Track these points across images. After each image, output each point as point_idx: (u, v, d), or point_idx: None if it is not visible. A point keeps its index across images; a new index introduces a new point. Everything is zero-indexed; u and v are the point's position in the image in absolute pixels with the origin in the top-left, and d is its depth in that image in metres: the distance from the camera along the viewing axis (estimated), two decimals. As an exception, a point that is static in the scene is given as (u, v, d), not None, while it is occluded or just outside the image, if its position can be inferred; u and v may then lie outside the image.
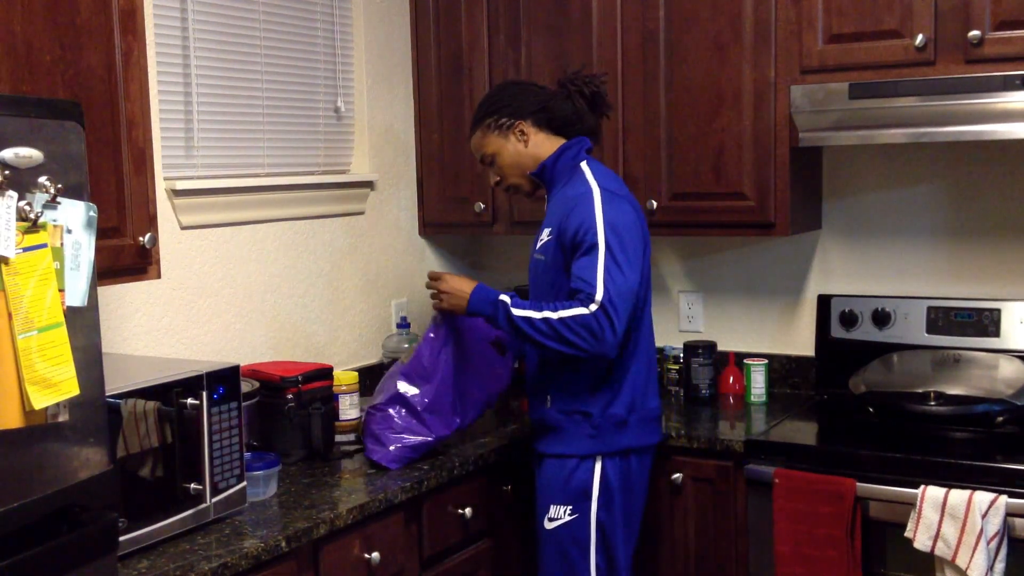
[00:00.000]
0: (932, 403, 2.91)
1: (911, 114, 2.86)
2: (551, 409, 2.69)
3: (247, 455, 2.50)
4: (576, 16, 3.32)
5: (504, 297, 2.59)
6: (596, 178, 2.65)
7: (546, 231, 2.69)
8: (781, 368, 3.48)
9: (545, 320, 2.52)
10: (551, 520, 2.66)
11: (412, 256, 3.68)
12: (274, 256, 3.16)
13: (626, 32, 3.26)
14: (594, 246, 2.53)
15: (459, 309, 2.68)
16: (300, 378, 2.77)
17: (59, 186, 1.66)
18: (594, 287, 2.50)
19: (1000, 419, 2.84)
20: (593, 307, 2.49)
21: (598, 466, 2.64)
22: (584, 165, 2.70)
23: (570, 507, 2.64)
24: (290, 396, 2.75)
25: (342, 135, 3.45)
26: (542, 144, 2.74)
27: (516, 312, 2.56)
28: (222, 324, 2.99)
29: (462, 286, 2.67)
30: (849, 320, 3.29)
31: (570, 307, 2.51)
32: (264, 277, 3.13)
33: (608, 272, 2.50)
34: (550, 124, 2.74)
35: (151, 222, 2.32)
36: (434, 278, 2.73)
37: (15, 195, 1.59)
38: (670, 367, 3.46)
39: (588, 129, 2.77)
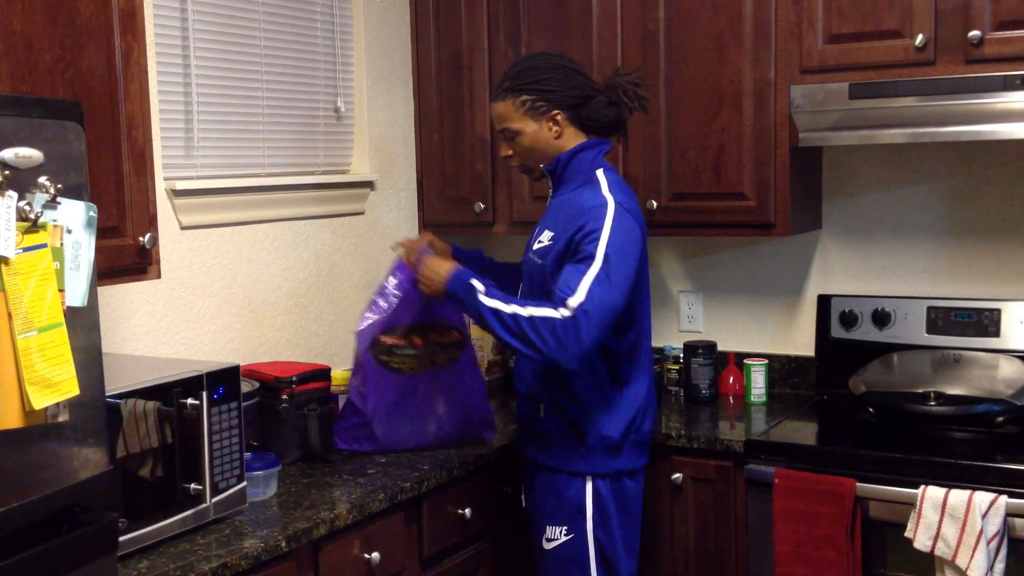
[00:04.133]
0: (932, 403, 2.91)
1: (911, 114, 2.86)
2: (544, 418, 2.65)
3: (247, 455, 2.50)
4: (576, 16, 3.32)
5: (477, 283, 2.51)
6: (612, 191, 2.55)
7: (547, 234, 2.60)
8: (781, 368, 3.48)
9: (513, 316, 2.42)
10: (548, 540, 2.64)
11: (412, 256, 3.68)
12: (274, 256, 3.16)
13: (626, 32, 3.26)
14: (590, 257, 2.44)
15: (438, 292, 2.61)
16: (295, 379, 2.76)
17: (59, 186, 1.66)
18: (573, 292, 2.39)
19: (1000, 419, 2.84)
20: (564, 312, 2.38)
21: (589, 485, 2.60)
22: (601, 175, 2.60)
23: (565, 527, 2.61)
24: (285, 397, 2.74)
25: (342, 135, 3.45)
26: (570, 139, 2.63)
27: (486, 301, 2.47)
28: (222, 324, 2.99)
29: (440, 268, 2.61)
30: (849, 320, 3.29)
31: (541, 307, 2.42)
32: (264, 277, 3.13)
33: (596, 285, 2.40)
34: (581, 120, 2.64)
35: (151, 222, 2.32)
36: (407, 248, 2.73)
37: (15, 195, 1.59)
38: (670, 367, 3.46)
39: (615, 130, 2.69)
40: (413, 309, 2.78)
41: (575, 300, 2.39)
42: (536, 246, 2.64)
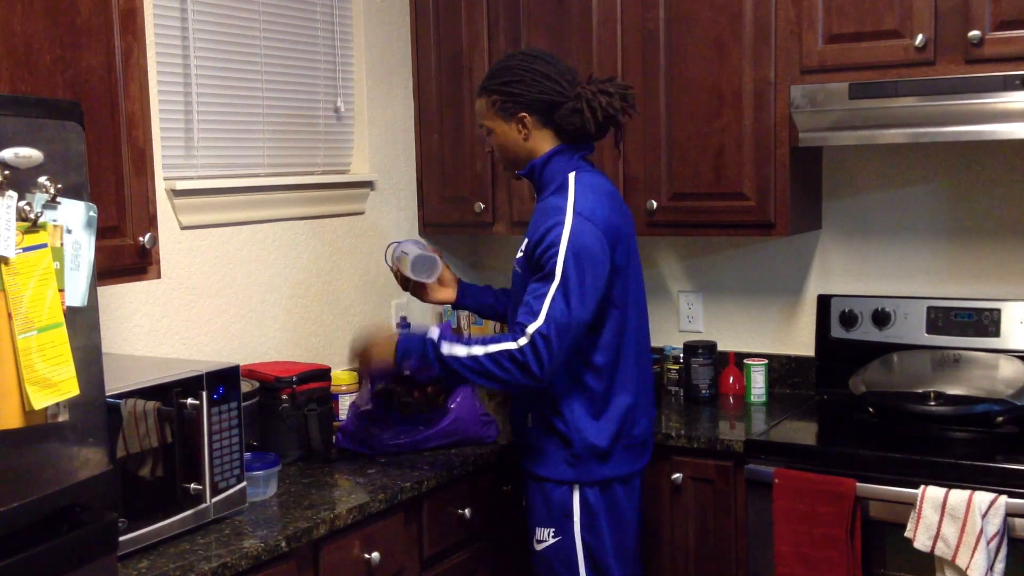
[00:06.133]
0: (932, 403, 2.91)
1: (911, 114, 2.86)
2: (532, 428, 2.64)
3: (247, 455, 2.50)
4: (576, 16, 3.32)
5: (432, 335, 2.49)
6: (576, 198, 2.51)
7: (526, 243, 2.59)
8: (781, 368, 3.48)
9: (472, 357, 2.45)
10: (538, 543, 2.64)
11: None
12: (274, 256, 3.16)
13: (626, 32, 3.26)
14: (550, 275, 2.44)
15: (387, 362, 2.56)
16: (295, 379, 2.77)
17: (59, 186, 1.66)
18: (535, 317, 2.42)
19: (1000, 419, 2.84)
20: (523, 340, 2.41)
21: (576, 492, 2.59)
22: (571, 179, 2.56)
23: (553, 529, 2.61)
24: (285, 396, 2.74)
25: (342, 135, 3.45)
26: (541, 142, 2.61)
27: (445, 350, 2.47)
28: (222, 324, 2.99)
29: (384, 345, 2.57)
30: (849, 320, 3.29)
31: (499, 342, 2.44)
32: (264, 277, 3.13)
33: (554, 304, 2.42)
34: (553, 124, 2.59)
35: (151, 222, 2.33)
36: (356, 351, 2.65)
37: (15, 195, 1.59)
38: (670, 367, 3.45)
39: (584, 138, 2.62)
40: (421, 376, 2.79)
41: (533, 326, 2.42)
42: (518, 255, 2.63)
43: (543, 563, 2.64)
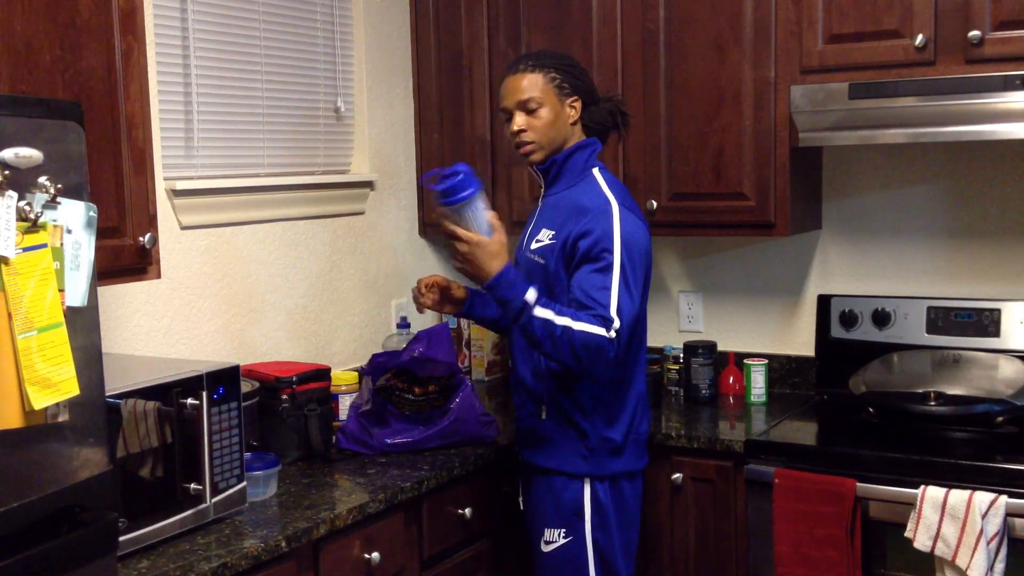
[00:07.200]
0: (932, 403, 2.91)
1: (911, 114, 2.86)
2: (546, 421, 2.64)
3: (247, 455, 2.50)
4: (576, 16, 3.32)
5: (530, 296, 2.40)
6: (613, 192, 2.59)
7: (546, 232, 2.61)
8: (781, 368, 3.48)
9: (565, 328, 2.38)
10: (547, 543, 2.64)
11: (412, 256, 3.68)
12: (274, 256, 3.16)
13: (626, 32, 3.26)
14: (609, 266, 2.45)
15: (483, 272, 2.44)
16: (295, 379, 2.77)
17: (59, 186, 1.66)
18: (608, 309, 2.42)
19: (1000, 419, 2.84)
20: (612, 333, 2.40)
21: (587, 488, 2.60)
22: (597, 173, 2.64)
23: (564, 530, 2.61)
24: (285, 397, 2.74)
25: (342, 135, 3.45)
26: (575, 131, 2.67)
27: (538, 312, 2.40)
28: (222, 324, 2.99)
29: (488, 265, 2.43)
30: (849, 320, 3.29)
31: (591, 323, 2.40)
32: (264, 277, 3.13)
33: (620, 296, 2.44)
34: (584, 118, 2.67)
35: (151, 222, 2.33)
36: (469, 241, 2.44)
37: (15, 195, 1.59)
38: (670, 367, 3.45)
39: (604, 138, 2.74)
40: (424, 369, 2.86)
41: (616, 321, 2.42)
42: (535, 245, 2.64)
43: (552, 565, 2.64)
